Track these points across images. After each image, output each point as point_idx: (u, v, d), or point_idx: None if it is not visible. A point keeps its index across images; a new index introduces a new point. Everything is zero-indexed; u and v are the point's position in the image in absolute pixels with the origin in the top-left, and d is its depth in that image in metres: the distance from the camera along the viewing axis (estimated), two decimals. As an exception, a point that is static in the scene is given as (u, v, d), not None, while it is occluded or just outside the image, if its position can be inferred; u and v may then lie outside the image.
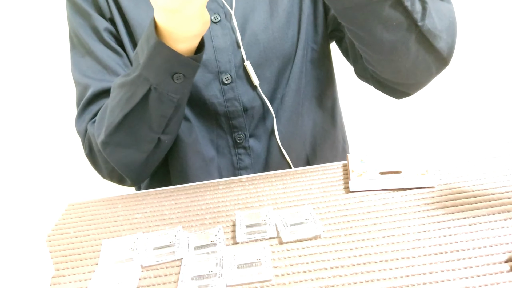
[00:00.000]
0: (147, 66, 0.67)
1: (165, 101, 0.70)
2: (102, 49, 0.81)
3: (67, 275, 0.57)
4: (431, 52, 0.68)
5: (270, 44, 0.81)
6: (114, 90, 0.73)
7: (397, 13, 0.63)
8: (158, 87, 0.68)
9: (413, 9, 0.63)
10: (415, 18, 0.64)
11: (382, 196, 0.64)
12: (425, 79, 0.74)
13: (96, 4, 0.81)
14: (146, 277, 0.55)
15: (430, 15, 0.65)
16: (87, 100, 0.80)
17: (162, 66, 0.67)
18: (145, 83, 0.68)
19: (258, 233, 0.59)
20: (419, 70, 0.71)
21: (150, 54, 0.66)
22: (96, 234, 0.65)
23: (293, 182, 0.72)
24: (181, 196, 0.72)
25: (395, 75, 0.74)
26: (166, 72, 0.67)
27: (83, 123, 0.80)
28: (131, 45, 0.82)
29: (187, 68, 0.68)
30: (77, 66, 0.83)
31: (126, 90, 0.71)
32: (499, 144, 0.74)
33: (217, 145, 0.84)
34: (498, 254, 0.50)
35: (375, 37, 0.66)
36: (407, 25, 0.64)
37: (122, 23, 0.81)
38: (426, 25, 0.65)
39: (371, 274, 0.50)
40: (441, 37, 0.68)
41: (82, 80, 0.81)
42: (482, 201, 0.60)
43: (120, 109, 0.71)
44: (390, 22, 0.63)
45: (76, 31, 0.83)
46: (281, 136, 0.84)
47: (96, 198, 0.76)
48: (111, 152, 0.76)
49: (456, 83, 1.29)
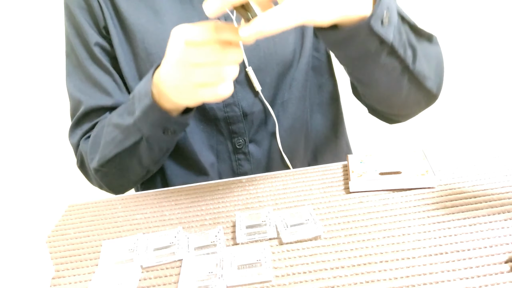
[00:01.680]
0: (140, 119, 0.72)
1: (155, 149, 0.76)
2: (92, 66, 0.83)
3: (67, 276, 0.57)
4: (421, 90, 0.75)
5: (270, 49, 0.80)
6: (109, 126, 0.77)
7: (392, 60, 0.68)
8: (149, 139, 0.74)
9: (405, 56, 0.69)
10: (407, 63, 0.70)
11: (382, 197, 0.64)
12: (415, 111, 0.82)
13: (91, 12, 0.81)
14: (146, 278, 0.55)
15: (419, 59, 0.71)
16: (79, 117, 0.84)
17: (154, 123, 0.72)
18: (137, 132, 0.73)
19: (258, 233, 0.59)
20: (410, 104, 0.79)
21: (144, 111, 0.70)
22: (96, 235, 0.65)
23: (293, 182, 0.72)
24: (181, 197, 0.72)
25: (388, 108, 0.81)
26: (158, 127, 0.72)
27: (76, 137, 0.85)
28: (129, 50, 0.82)
29: (178, 125, 0.73)
30: (70, 76, 0.86)
31: (120, 132, 0.75)
32: (499, 144, 0.74)
33: (217, 150, 0.84)
34: (498, 254, 0.50)
35: (372, 78, 0.73)
36: (400, 69, 0.70)
37: (120, 28, 0.81)
38: (417, 67, 0.71)
39: (371, 275, 0.50)
40: (430, 77, 0.75)
41: (74, 94, 0.85)
42: (482, 201, 0.60)
43: (113, 147, 0.76)
44: (386, 67, 0.69)
45: (70, 39, 0.85)
46: (283, 142, 0.84)
47: (96, 199, 0.76)
48: (102, 177, 0.82)
49: (456, 84, 1.29)
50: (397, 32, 0.66)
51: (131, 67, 0.82)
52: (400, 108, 0.80)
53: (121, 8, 0.80)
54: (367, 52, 0.66)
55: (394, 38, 0.65)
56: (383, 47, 0.65)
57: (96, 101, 0.83)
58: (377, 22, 0.62)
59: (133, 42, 0.81)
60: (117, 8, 0.80)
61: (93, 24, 0.82)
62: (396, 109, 0.80)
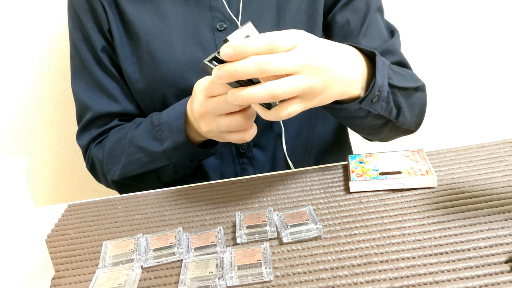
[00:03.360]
0: (171, 150, 0.75)
1: (179, 172, 0.80)
2: (99, 72, 0.85)
3: (67, 276, 0.57)
4: (401, 130, 0.83)
5: None
6: (132, 146, 0.79)
7: (377, 120, 0.74)
8: (177, 166, 0.78)
9: (390, 116, 0.74)
10: (391, 119, 0.75)
11: (382, 197, 0.64)
12: (395, 139, 0.89)
13: (95, 15, 0.81)
14: (147, 278, 0.55)
15: (403, 114, 0.77)
16: (86, 122, 0.86)
17: (184, 155, 0.76)
18: (166, 160, 0.77)
19: (258, 233, 0.59)
20: (390, 138, 0.88)
21: (176, 146, 0.74)
22: (96, 235, 0.65)
23: (293, 183, 0.72)
24: (181, 197, 0.72)
25: (369, 138, 0.90)
26: (187, 158, 0.77)
27: (85, 140, 0.88)
28: (133, 52, 0.81)
29: (206, 155, 0.78)
30: (76, 78, 0.87)
31: (146, 156, 0.78)
32: (499, 144, 0.74)
33: (221, 154, 0.84)
34: (498, 254, 0.50)
35: (356, 128, 0.81)
36: (383, 122, 0.76)
37: (124, 31, 0.81)
38: (400, 121, 0.77)
39: (371, 275, 0.50)
40: (411, 123, 0.81)
41: (81, 97, 0.86)
42: (482, 201, 0.60)
43: (137, 167, 0.80)
44: (371, 123, 0.75)
45: (76, 43, 0.85)
46: (288, 147, 0.84)
47: (96, 199, 0.76)
48: (120, 187, 0.86)
49: (456, 83, 1.29)
50: (385, 102, 0.71)
51: (135, 70, 0.82)
52: (379, 140, 0.89)
53: (126, 11, 0.80)
54: (355, 116, 0.71)
55: (381, 109, 0.71)
56: (370, 114, 0.71)
57: (103, 107, 0.85)
58: (368, 103, 0.67)
59: (138, 45, 0.81)
60: (121, 11, 0.80)
61: (97, 28, 0.82)
62: (375, 139, 0.90)
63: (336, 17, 0.83)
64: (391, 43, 0.83)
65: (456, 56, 1.29)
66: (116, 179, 0.83)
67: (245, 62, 0.54)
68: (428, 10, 1.25)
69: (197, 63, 0.79)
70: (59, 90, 1.18)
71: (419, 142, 1.03)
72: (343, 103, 0.67)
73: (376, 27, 0.83)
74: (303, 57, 0.56)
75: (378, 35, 0.83)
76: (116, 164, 0.82)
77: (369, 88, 0.66)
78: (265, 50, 0.54)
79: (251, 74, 0.54)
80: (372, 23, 0.83)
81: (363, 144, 0.97)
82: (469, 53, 1.29)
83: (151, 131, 0.77)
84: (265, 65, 0.53)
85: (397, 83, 0.73)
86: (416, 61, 0.96)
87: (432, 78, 1.23)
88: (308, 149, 0.88)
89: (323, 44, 0.60)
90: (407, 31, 1.18)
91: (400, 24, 0.90)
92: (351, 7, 0.82)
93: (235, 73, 0.54)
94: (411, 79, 0.80)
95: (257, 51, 0.54)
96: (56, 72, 1.16)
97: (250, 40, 0.54)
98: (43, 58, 1.15)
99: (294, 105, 0.57)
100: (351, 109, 0.67)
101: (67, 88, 1.17)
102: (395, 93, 0.73)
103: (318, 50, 0.58)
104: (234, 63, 0.54)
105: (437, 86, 1.27)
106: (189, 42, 0.80)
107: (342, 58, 0.62)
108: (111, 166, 0.83)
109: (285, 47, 0.55)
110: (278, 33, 0.56)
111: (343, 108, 0.67)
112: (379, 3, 0.85)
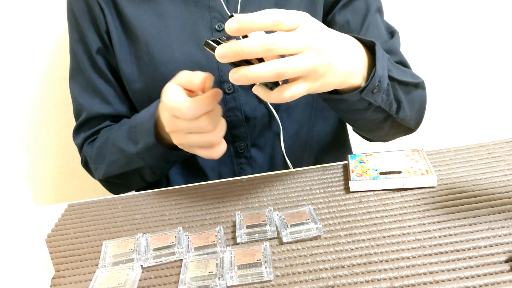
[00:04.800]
0: (143, 152, 0.76)
1: (157, 173, 0.82)
2: (93, 74, 0.86)
3: (67, 276, 0.57)
4: (401, 128, 0.83)
5: None
6: (113, 146, 0.81)
7: (377, 113, 0.74)
8: (153, 167, 0.79)
9: (390, 110, 0.74)
10: (391, 114, 0.75)
11: (382, 196, 0.64)
12: (394, 139, 0.89)
13: (92, 16, 0.81)
14: (147, 278, 0.55)
15: (403, 109, 0.77)
16: (81, 122, 0.89)
17: (157, 156, 0.76)
18: (141, 161, 0.78)
19: (258, 233, 0.59)
20: (390, 136, 0.88)
21: (147, 147, 0.74)
22: (96, 235, 0.65)
23: (293, 182, 0.72)
24: (181, 197, 0.72)
25: (368, 136, 0.89)
26: (161, 159, 0.77)
27: (79, 139, 0.90)
28: (131, 53, 0.81)
29: (180, 157, 0.78)
30: (73, 78, 0.89)
31: (123, 157, 0.79)
32: (499, 143, 0.74)
33: None
34: (498, 254, 0.50)
35: (356, 123, 0.81)
36: (384, 117, 0.76)
37: (122, 32, 0.81)
38: (400, 116, 0.77)
39: (371, 274, 0.50)
40: (411, 119, 0.81)
41: (77, 97, 0.89)
42: (482, 201, 0.60)
43: (116, 167, 0.82)
44: (371, 118, 0.75)
45: (72, 43, 0.86)
46: (286, 147, 0.84)
47: (96, 198, 0.76)
48: (106, 185, 0.89)
49: (456, 83, 1.29)
50: (386, 94, 0.71)
51: (133, 70, 0.82)
52: (379, 138, 0.89)
53: (125, 11, 0.80)
54: (355, 109, 0.71)
55: (381, 101, 0.70)
56: (371, 106, 0.70)
57: (96, 108, 0.86)
58: (368, 93, 0.67)
59: (136, 45, 0.81)
60: (120, 11, 0.80)
61: (94, 29, 0.82)
62: (376, 138, 0.89)
63: (335, 18, 0.83)
64: (391, 43, 0.83)
65: (456, 56, 1.29)
66: (101, 178, 0.85)
67: (252, 42, 0.53)
68: (428, 10, 1.25)
69: (196, 63, 0.79)
70: (59, 90, 1.18)
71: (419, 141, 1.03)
72: (344, 94, 0.67)
73: (376, 27, 0.83)
74: (307, 38, 0.55)
75: (378, 36, 0.83)
76: (101, 164, 0.84)
77: (370, 78, 0.66)
78: (270, 26, 0.54)
79: (257, 53, 0.53)
80: (372, 23, 0.83)
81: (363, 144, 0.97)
82: (468, 53, 1.29)
83: (128, 132, 0.78)
84: (271, 45, 0.53)
85: (397, 76, 0.73)
86: (416, 61, 0.96)
87: (432, 78, 1.23)
88: (307, 150, 0.88)
89: (325, 28, 0.60)
90: (407, 31, 1.18)
91: (400, 24, 0.90)
92: (351, 8, 0.82)
93: (240, 52, 0.53)
94: (410, 76, 0.80)
95: (262, 26, 0.53)
96: (56, 72, 1.16)
97: (256, 15, 0.53)
98: (44, 58, 1.15)
99: (298, 85, 0.56)
100: (351, 100, 0.67)
101: (67, 88, 1.16)
102: (395, 86, 0.73)
103: (320, 33, 0.58)
104: (240, 42, 0.53)
105: (437, 86, 1.27)
106: (187, 42, 0.80)
107: (343, 44, 0.62)
108: (97, 165, 0.85)
109: (289, 26, 0.55)
110: (282, 11, 0.55)
111: (344, 98, 0.67)
112: (379, 3, 0.85)
